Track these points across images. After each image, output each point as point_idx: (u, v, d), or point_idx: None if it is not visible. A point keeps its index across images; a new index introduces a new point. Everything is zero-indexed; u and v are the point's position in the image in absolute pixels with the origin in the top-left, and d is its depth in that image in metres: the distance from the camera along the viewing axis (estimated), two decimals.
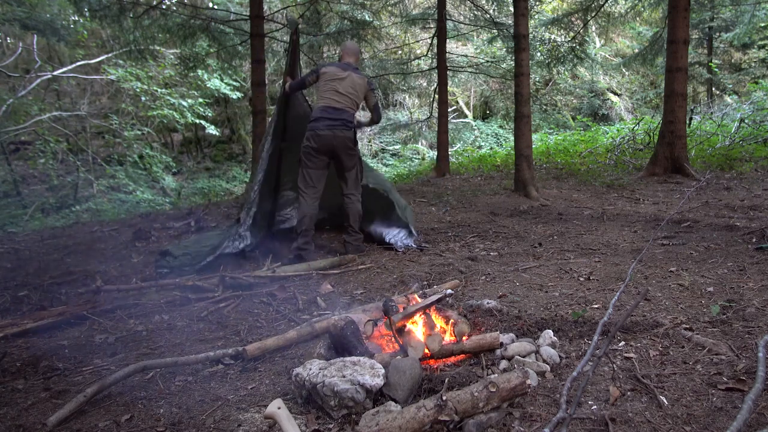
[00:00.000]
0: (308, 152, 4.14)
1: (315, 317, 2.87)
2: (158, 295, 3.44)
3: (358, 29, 9.12)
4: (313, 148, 4.11)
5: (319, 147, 4.11)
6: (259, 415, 1.88)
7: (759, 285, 2.98)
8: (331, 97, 4.18)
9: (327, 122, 4.12)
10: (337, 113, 4.16)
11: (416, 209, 6.23)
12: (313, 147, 4.11)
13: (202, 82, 13.76)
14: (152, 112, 13.15)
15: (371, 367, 1.95)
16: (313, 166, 4.17)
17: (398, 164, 15.15)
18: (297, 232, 4.19)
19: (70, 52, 13.25)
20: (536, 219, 5.56)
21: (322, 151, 4.14)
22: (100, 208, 11.46)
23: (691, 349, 2.23)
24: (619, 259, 3.84)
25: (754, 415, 1.69)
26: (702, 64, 16.23)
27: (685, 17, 7.47)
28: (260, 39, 7.26)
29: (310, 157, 4.15)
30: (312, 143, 4.11)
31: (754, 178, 7.05)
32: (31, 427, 1.93)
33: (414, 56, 12.73)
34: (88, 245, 5.08)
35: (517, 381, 1.80)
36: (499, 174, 8.99)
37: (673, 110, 7.62)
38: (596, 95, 19.00)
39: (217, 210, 6.66)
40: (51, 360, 2.54)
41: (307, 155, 4.15)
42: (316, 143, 4.10)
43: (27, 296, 3.62)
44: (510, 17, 9.37)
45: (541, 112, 19.07)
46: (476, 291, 3.21)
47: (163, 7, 7.97)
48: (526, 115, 6.89)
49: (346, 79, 4.22)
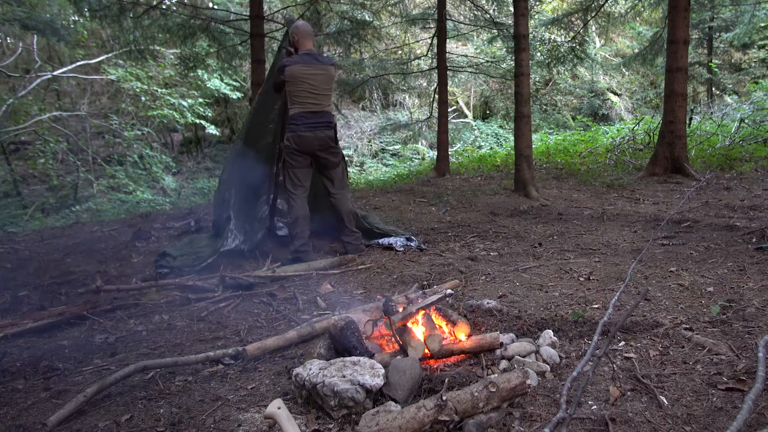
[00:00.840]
0: (291, 152, 4.09)
1: (315, 317, 2.87)
2: (158, 295, 3.45)
3: (358, 29, 9.12)
4: (295, 149, 4.07)
5: (301, 148, 4.07)
6: (259, 415, 1.88)
7: (759, 285, 2.98)
8: (306, 101, 4.04)
9: (310, 125, 4.05)
10: (317, 117, 4.08)
11: (416, 209, 6.23)
12: (295, 148, 4.06)
13: (202, 82, 13.76)
14: (152, 112, 13.15)
15: (371, 367, 1.95)
16: (299, 165, 4.13)
17: (398, 164, 15.14)
18: (292, 235, 4.17)
19: (70, 52, 13.24)
20: (536, 219, 5.56)
21: (304, 152, 4.10)
22: (100, 208, 11.46)
23: (691, 349, 2.23)
24: (619, 259, 3.84)
25: (754, 415, 1.69)
26: (702, 64, 16.23)
27: (685, 17, 7.47)
28: (260, 39, 7.26)
29: (294, 157, 4.10)
30: (293, 144, 4.06)
31: (754, 178, 7.05)
32: (31, 427, 1.93)
33: (414, 56, 12.73)
34: (88, 245, 5.08)
35: (517, 381, 1.80)
36: (499, 174, 8.99)
37: (673, 110, 7.62)
38: (596, 95, 19.00)
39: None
40: (51, 360, 2.54)
41: (291, 155, 4.10)
42: (298, 144, 4.05)
43: (27, 296, 3.62)
44: (510, 17, 9.37)
45: (541, 112, 19.07)
46: (476, 291, 3.21)
47: (163, 7, 7.97)
48: (526, 115, 6.89)
49: (317, 75, 4.04)
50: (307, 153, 4.12)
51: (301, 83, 4.01)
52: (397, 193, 7.31)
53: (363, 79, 9.98)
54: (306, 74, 4.01)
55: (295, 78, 4.00)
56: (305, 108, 4.05)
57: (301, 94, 4.03)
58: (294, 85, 4.02)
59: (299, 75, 3.99)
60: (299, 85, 4.01)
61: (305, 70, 4.01)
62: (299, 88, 4.02)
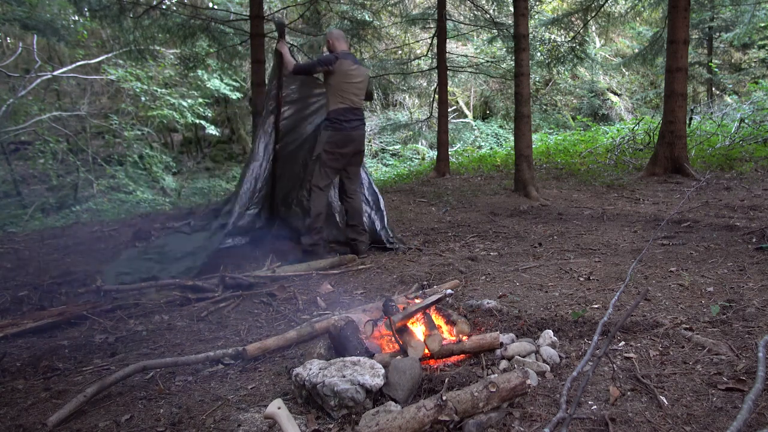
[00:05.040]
0: (334, 151, 4.14)
1: (315, 317, 2.87)
2: (158, 295, 3.45)
3: (358, 29, 9.12)
4: (341, 147, 4.13)
5: (347, 147, 4.15)
6: (259, 415, 1.88)
7: (759, 285, 2.98)
8: (352, 98, 4.13)
9: (355, 123, 4.15)
10: (359, 113, 4.20)
11: (416, 209, 6.23)
12: (341, 147, 4.13)
13: (202, 82, 13.76)
14: (152, 112, 13.15)
15: (371, 367, 1.95)
16: (337, 164, 4.20)
17: (398, 164, 15.14)
18: (311, 228, 4.20)
19: (70, 52, 13.25)
20: (536, 219, 5.56)
21: (348, 152, 4.18)
22: (100, 208, 11.46)
23: (691, 349, 2.23)
24: (619, 259, 3.84)
25: (754, 415, 1.69)
26: (702, 64, 16.23)
27: (685, 17, 7.47)
28: (260, 39, 7.26)
29: (335, 155, 4.15)
30: (341, 143, 4.12)
31: (754, 178, 7.04)
32: (31, 427, 1.92)
33: (414, 56, 12.73)
34: (88, 245, 5.08)
35: (517, 381, 1.80)
36: (499, 174, 8.99)
37: (673, 110, 7.62)
38: (596, 95, 19.00)
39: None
40: (51, 360, 2.54)
41: (332, 153, 4.14)
42: (346, 143, 4.13)
43: (27, 296, 3.61)
44: (510, 17, 9.37)
45: (541, 112, 19.07)
46: (476, 291, 3.21)
47: (163, 7, 7.96)
48: (526, 115, 6.89)
49: (358, 74, 4.13)
50: (349, 152, 4.19)
51: (347, 77, 4.07)
52: (397, 193, 7.31)
53: None
54: (351, 71, 4.09)
55: (343, 72, 4.06)
56: (351, 104, 4.13)
57: (348, 89, 4.09)
58: (340, 78, 4.06)
59: (347, 70, 4.07)
60: (346, 79, 4.07)
61: (351, 67, 4.09)
62: (346, 82, 4.08)
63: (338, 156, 4.16)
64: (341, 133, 4.09)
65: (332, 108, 4.11)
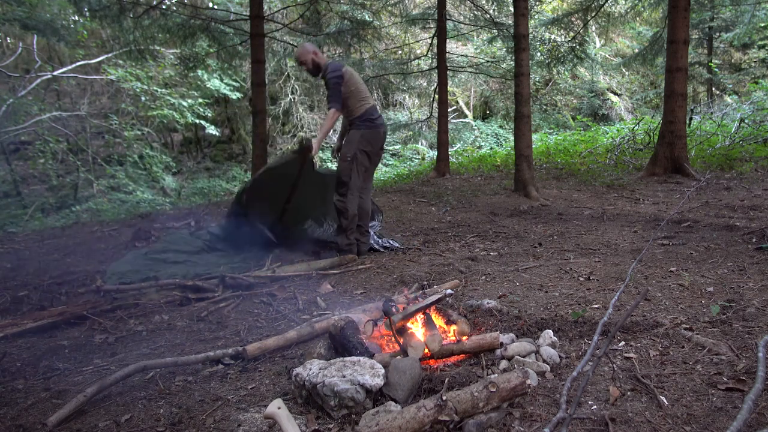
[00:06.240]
0: (369, 150, 4.22)
1: (315, 317, 2.87)
2: (158, 295, 3.45)
3: (358, 29, 9.12)
4: (374, 145, 4.23)
5: (378, 143, 4.26)
6: (259, 415, 1.88)
7: (759, 285, 2.98)
8: (368, 96, 4.26)
9: (382, 119, 4.30)
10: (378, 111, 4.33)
11: (416, 209, 6.23)
12: (374, 144, 4.22)
13: (202, 82, 13.76)
14: (152, 112, 13.16)
15: (371, 367, 1.95)
16: (369, 163, 4.29)
17: (398, 164, 15.15)
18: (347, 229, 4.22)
19: (70, 52, 13.26)
20: (536, 219, 5.56)
21: (377, 150, 4.30)
22: (100, 208, 11.46)
23: (691, 349, 2.23)
24: (619, 259, 3.84)
25: (754, 415, 1.69)
26: (702, 64, 16.24)
27: (685, 17, 7.47)
28: (260, 39, 7.27)
29: (370, 154, 4.24)
30: (374, 140, 4.21)
31: (754, 178, 7.05)
32: (31, 427, 1.93)
33: (414, 56, 12.75)
34: (88, 245, 5.08)
35: (517, 381, 1.80)
36: (499, 174, 8.99)
37: (673, 110, 7.62)
38: (596, 95, 19.01)
39: (217, 210, 6.66)
40: (51, 360, 2.54)
41: (366, 153, 4.22)
42: (378, 140, 4.23)
43: (27, 296, 3.61)
44: (510, 17, 9.38)
45: (541, 112, 19.09)
46: (476, 291, 3.21)
47: (163, 7, 7.96)
48: (526, 115, 6.89)
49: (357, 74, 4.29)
50: (378, 149, 4.30)
51: (357, 80, 4.21)
52: (397, 193, 7.32)
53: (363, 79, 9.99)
54: (354, 73, 4.22)
55: (354, 77, 4.19)
56: (371, 103, 4.25)
57: (363, 89, 4.23)
58: (353, 83, 4.16)
59: (354, 74, 4.21)
60: (357, 82, 4.20)
61: (351, 69, 4.21)
62: (359, 84, 4.21)
63: (371, 154, 4.26)
64: (374, 131, 4.20)
65: (360, 111, 4.20)
